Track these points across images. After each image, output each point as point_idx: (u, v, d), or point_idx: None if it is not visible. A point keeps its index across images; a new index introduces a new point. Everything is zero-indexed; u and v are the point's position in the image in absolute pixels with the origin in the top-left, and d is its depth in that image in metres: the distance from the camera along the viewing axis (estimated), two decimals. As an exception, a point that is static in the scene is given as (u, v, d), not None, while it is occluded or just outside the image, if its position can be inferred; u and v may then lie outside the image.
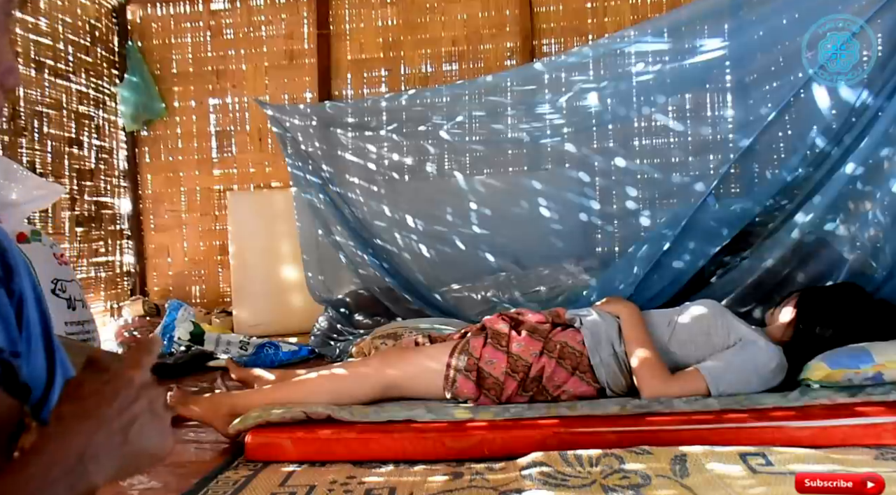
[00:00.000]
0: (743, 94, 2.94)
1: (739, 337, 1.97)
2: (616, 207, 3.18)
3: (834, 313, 2.02)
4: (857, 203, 2.55)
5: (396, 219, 3.36)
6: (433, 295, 3.18)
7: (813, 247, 2.60)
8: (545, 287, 3.04)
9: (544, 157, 3.40)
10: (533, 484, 1.38)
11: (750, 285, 2.63)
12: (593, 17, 3.99)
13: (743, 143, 2.80)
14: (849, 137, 2.53)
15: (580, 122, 3.16)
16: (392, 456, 1.65)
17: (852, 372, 1.84)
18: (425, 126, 3.37)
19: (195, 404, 1.94)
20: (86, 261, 4.06)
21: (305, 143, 3.42)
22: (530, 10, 4.01)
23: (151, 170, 4.52)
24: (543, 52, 4.03)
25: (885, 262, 2.45)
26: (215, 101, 4.46)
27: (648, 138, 3.17)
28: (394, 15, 4.23)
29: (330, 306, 3.33)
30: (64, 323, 2.84)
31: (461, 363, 1.97)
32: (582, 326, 2.04)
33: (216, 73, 4.42)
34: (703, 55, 2.82)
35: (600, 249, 3.24)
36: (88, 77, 4.12)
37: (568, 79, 3.10)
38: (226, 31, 4.39)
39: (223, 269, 4.44)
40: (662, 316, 2.11)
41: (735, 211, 2.77)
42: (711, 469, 1.41)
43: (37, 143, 3.63)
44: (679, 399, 1.83)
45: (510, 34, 4.08)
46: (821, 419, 1.63)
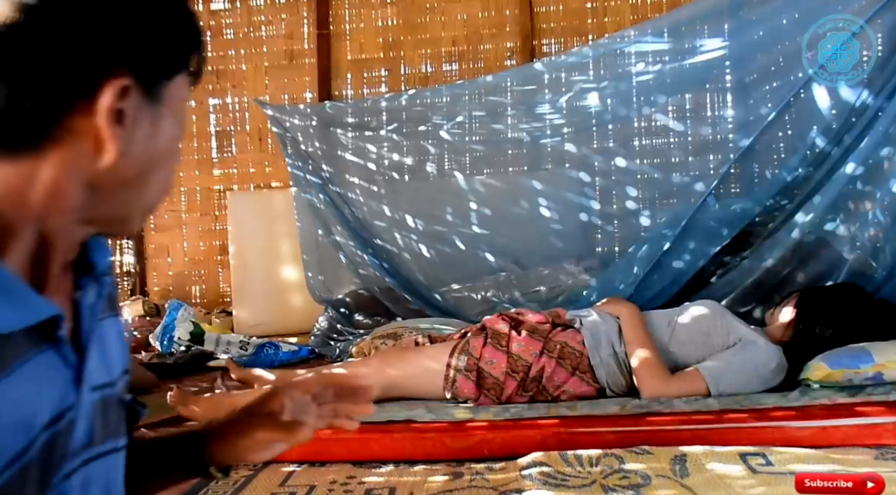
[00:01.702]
0: (743, 94, 2.95)
1: (739, 337, 1.97)
2: (616, 207, 3.18)
3: (834, 313, 2.02)
4: (857, 203, 2.55)
5: (396, 219, 3.36)
6: (433, 295, 3.18)
7: (813, 247, 2.60)
8: (545, 287, 3.04)
9: (544, 157, 3.40)
10: (533, 484, 1.38)
11: (750, 285, 2.63)
12: (593, 17, 3.99)
13: (743, 143, 2.80)
14: (849, 137, 2.53)
15: (580, 122, 3.16)
16: (392, 456, 1.65)
17: (852, 372, 1.84)
18: (425, 126, 3.37)
19: (195, 404, 1.94)
20: (86, 261, 4.07)
21: (305, 143, 3.43)
22: (530, 10, 4.01)
23: (151, 170, 4.52)
24: (543, 52, 4.03)
25: (885, 262, 2.45)
26: (215, 101, 4.46)
27: (648, 138, 3.18)
28: (394, 15, 4.23)
29: (330, 306, 3.33)
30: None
31: (461, 363, 1.97)
32: (582, 326, 2.04)
33: (216, 73, 4.42)
34: (703, 55, 2.82)
35: (600, 249, 3.24)
36: (88, 77, 4.13)
37: (568, 79, 3.11)
38: (226, 31, 4.40)
39: (223, 269, 4.44)
40: (662, 316, 2.11)
41: (735, 211, 2.77)
42: (711, 469, 1.41)
43: (37, 143, 3.63)
44: (679, 399, 1.83)
45: (510, 34, 4.08)
46: (821, 419, 1.63)
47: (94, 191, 0.55)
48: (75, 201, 0.55)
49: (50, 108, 0.51)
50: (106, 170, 0.54)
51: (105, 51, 0.52)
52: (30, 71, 0.50)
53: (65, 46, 0.50)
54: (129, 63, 0.53)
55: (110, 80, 0.52)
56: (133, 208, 0.60)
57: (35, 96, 0.50)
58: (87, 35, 0.51)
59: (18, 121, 0.50)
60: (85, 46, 0.51)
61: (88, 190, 0.55)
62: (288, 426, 0.76)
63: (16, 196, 0.52)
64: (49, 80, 0.50)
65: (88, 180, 0.54)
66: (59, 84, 0.51)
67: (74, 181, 0.54)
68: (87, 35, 0.51)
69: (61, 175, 0.53)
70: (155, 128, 0.57)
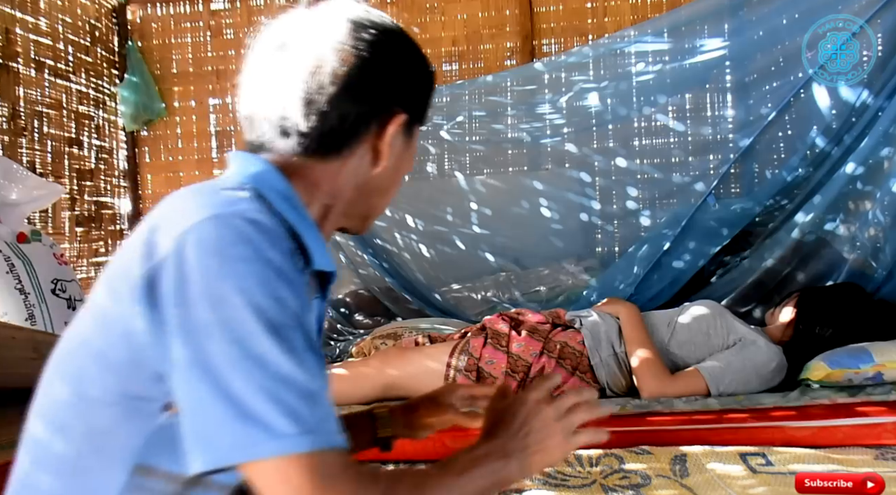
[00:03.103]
0: (743, 94, 2.95)
1: (739, 337, 1.97)
2: (616, 207, 3.18)
3: (834, 313, 2.02)
4: (857, 203, 2.55)
5: (396, 219, 3.36)
6: (433, 295, 3.18)
7: (813, 247, 2.60)
8: (545, 287, 3.04)
9: (544, 157, 3.40)
10: (533, 484, 1.38)
11: (750, 285, 2.63)
12: (593, 17, 3.98)
13: (743, 143, 2.80)
14: (849, 137, 2.53)
15: (580, 122, 3.16)
16: (392, 456, 1.64)
17: (852, 372, 1.84)
18: (425, 126, 3.36)
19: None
20: (86, 261, 4.06)
21: (305, 143, 3.42)
22: (530, 10, 4.00)
23: (151, 170, 4.51)
24: (543, 52, 4.02)
25: (885, 262, 2.45)
26: (215, 101, 4.45)
27: (648, 138, 3.18)
28: (394, 15, 4.20)
29: (330, 306, 3.34)
30: (64, 323, 2.84)
31: (461, 363, 1.97)
32: (582, 327, 2.04)
33: (216, 73, 4.41)
34: (703, 55, 2.82)
35: (600, 249, 3.24)
36: (88, 77, 4.12)
37: (568, 79, 3.11)
38: (226, 31, 4.39)
39: (223, 269, 4.44)
40: (662, 316, 2.11)
41: (735, 211, 2.77)
42: (711, 469, 1.41)
43: (37, 143, 3.63)
44: (679, 399, 1.83)
45: (510, 34, 4.07)
46: (821, 419, 1.63)
47: (359, 191, 0.79)
48: (347, 195, 0.79)
49: (360, 129, 0.76)
50: (373, 177, 0.79)
51: (400, 97, 0.78)
52: (356, 104, 0.74)
53: (380, 91, 0.76)
54: (407, 108, 0.79)
55: (397, 116, 0.77)
56: (374, 211, 0.85)
57: (354, 120, 0.75)
58: (392, 86, 0.77)
59: (338, 135, 0.75)
60: (391, 93, 0.77)
61: (356, 190, 0.79)
62: (466, 415, 1.06)
63: (316, 184, 0.76)
64: (365, 111, 0.75)
65: (358, 182, 0.79)
66: (370, 114, 0.76)
67: (352, 180, 0.78)
68: (393, 86, 0.78)
69: (348, 174, 0.77)
70: (403, 156, 0.81)
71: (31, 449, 0.69)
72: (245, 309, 0.59)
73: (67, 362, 0.70)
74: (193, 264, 0.61)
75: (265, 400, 0.58)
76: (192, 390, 0.60)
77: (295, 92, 0.73)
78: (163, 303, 0.62)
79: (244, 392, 0.58)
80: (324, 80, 0.73)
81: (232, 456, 0.58)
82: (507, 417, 0.82)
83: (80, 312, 0.72)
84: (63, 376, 0.69)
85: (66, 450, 0.66)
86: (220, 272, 0.61)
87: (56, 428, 0.67)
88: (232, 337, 0.59)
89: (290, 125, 0.74)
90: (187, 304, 0.60)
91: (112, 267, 0.70)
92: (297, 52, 0.74)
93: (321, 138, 0.74)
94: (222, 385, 0.58)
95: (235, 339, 0.59)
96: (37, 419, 0.70)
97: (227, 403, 0.58)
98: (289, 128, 0.74)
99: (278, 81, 0.75)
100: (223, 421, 0.58)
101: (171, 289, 0.61)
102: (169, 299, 0.62)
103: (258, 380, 0.58)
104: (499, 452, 0.75)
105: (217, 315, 0.59)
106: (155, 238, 0.65)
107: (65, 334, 0.73)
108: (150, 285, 0.63)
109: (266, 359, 0.59)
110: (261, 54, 0.78)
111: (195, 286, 0.60)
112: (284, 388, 0.59)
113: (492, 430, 0.80)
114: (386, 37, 0.78)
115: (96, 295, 0.70)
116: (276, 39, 0.78)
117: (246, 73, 0.79)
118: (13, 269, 2.74)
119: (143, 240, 0.65)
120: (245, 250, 0.62)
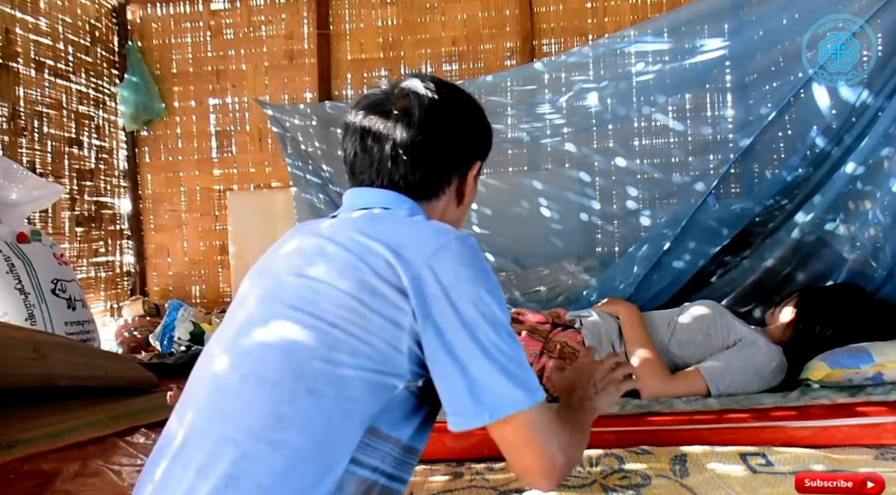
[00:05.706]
0: (743, 94, 2.95)
1: (739, 337, 1.97)
2: (616, 207, 3.18)
3: (834, 313, 2.02)
4: (857, 203, 2.55)
5: (396, 219, 3.36)
6: (433, 295, 3.17)
7: (813, 247, 2.60)
8: (545, 287, 3.04)
9: (544, 157, 3.40)
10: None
11: (750, 285, 2.63)
12: (593, 17, 3.98)
13: (743, 143, 2.80)
14: (849, 137, 2.53)
15: (580, 121, 3.16)
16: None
17: (852, 372, 1.84)
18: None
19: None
20: (86, 261, 4.06)
21: (305, 143, 3.42)
22: (530, 10, 4.01)
23: (151, 170, 4.52)
24: (543, 52, 4.03)
25: (885, 262, 2.45)
26: (215, 101, 4.45)
27: (648, 138, 3.18)
28: (394, 15, 4.23)
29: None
30: (64, 323, 2.84)
31: (461, 363, 1.97)
32: (582, 326, 2.04)
33: (216, 73, 4.42)
34: (703, 55, 2.82)
35: (600, 249, 3.24)
36: (88, 77, 4.12)
37: (568, 79, 3.11)
38: (226, 31, 4.39)
39: (223, 269, 4.44)
40: (662, 316, 2.11)
41: (735, 211, 2.77)
42: (711, 469, 1.41)
43: (37, 143, 3.63)
44: (679, 399, 1.83)
45: (510, 34, 4.08)
46: (821, 419, 1.63)
47: (448, 220, 1.01)
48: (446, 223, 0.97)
49: (452, 176, 1.02)
50: (456, 211, 1.05)
51: (478, 150, 1.05)
52: (447, 159, 1.00)
53: (469, 152, 1.03)
54: (480, 156, 1.05)
55: (476, 164, 1.04)
56: None
57: (447, 170, 1.01)
58: (475, 146, 1.04)
59: (436, 182, 1.00)
60: (472, 148, 1.04)
61: (447, 220, 1.01)
62: None
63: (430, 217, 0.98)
64: (455, 163, 1.01)
65: (447, 214, 1.03)
66: (458, 166, 1.02)
67: (445, 213, 1.02)
68: (476, 146, 1.04)
69: (443, 209, 1.02)
70: (474, 189, 1.06)
71: (274, 409, 0.81)
72: (494, 304, 0.84)
73: (319, 340, 0.83)
74: (454, 273, 0.83)
75: (520, 368, 0.83)
76: (472, 365, 0.81)
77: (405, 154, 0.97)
78: (429, 302, 0.81)
79: (508, 363, 0.82)
80: (427, 148, 0.97)
81: (507, 410, 0.81)
82: (579, 377, 1.12)
83: (321, 299, 0.85)
84: (313, 352, 0.82)
85: (317, 412, 0.80)
86: (476, 279, 0.84)
87: (309, 391, 0.80)
88: (491, 325, 0.82)
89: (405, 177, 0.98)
90: (454, 303, 0.81)
91: (351, 272, 0.85)
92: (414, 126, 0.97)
93: (426, 187, 0.99)
94: (496, 359, 0.81)
95: (493, 327, 0.82)
96: (283, 384, 0.82)
97: (501, 371, 0.81)
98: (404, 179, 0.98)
99: (394, 145, 0.97)
100: (501, 384, 0.81)
101: (438, 292, 0.82)
102: (437, 299, 0.81)
103: (512, 354, 0.82)
104: (585, 398, 1.07)
105: (479, 310, 0.82)
106: (405, 254, 0.84)
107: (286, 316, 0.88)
108: (417, 289, 0.81)
109: (512, 338, 0.84)
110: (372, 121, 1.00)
111: (457, 291, 0.82)
112: (523, 359, 0.84)
113: (573, 385, 1.11)
114: (470, 108, 1.04)
115: (340, 288, 0.84)
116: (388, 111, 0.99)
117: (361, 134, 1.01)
118: (13, 269, 2.74)
119: (392, 255, 0.84)
120: (482, 262, 0.87)
